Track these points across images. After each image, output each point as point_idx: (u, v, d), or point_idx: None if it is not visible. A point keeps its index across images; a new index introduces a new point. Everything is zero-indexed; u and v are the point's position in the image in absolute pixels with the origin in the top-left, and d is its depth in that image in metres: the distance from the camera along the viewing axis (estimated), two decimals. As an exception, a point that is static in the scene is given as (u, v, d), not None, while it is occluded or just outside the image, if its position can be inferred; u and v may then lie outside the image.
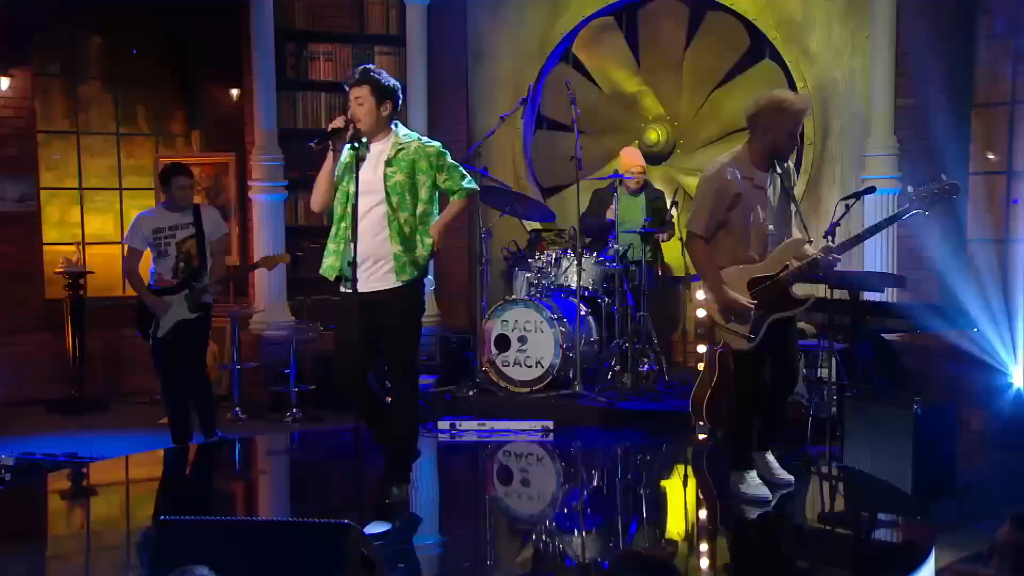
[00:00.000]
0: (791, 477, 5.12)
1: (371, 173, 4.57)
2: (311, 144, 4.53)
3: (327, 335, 7.91)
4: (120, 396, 8.40)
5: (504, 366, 7.03)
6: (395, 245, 4.57)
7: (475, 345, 7.25)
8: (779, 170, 4.87)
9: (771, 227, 4.84)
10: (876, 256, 7.10)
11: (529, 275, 7.40)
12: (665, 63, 8.57)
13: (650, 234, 7.40)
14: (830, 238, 5.41)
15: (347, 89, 4.60)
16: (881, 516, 5.05)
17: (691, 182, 8.36)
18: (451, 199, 4.74)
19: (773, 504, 5.16)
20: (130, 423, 7.60)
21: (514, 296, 7.27)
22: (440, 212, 4.73)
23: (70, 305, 8.12)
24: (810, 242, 4.90)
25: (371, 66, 4.69)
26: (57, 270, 8.20)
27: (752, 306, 4.77)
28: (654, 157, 8.48)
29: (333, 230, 4.65)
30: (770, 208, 4.85)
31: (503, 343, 7.02)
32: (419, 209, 4.61)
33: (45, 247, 8.62)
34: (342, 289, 4.64)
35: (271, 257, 6.74)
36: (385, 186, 4.57)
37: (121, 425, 7.57)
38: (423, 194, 4.62)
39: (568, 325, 6.98)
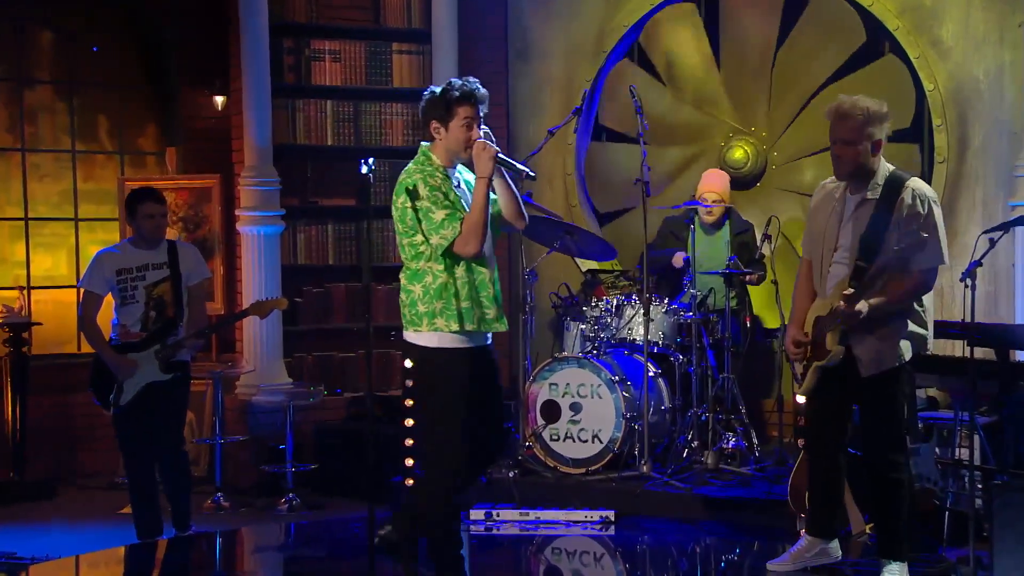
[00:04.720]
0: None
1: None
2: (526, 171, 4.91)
3: (330, 401, 7.90)
4: (70, 479, 8.45)
5: (553, 440, 7.03)
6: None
7: (517, 413, 7.24)
8: (870, 195, 5.06)
9: (835, 256, 5.12)
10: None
11: (584, 327, 7.41)
12: (752, 64, 8.63)
13: (735, 276, 7.33)
14: (968, 280, 5.30)
15: (469, 103, 4.81)
16: (1046, 642, 4.96)
17: (786, 206, 8.27)
18: None
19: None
20: (83, 514, 7.63)
21: (565, 353, 7.28)
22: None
23: (10, 364, 8.16)
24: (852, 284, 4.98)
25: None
26: (-5, 320, 8.24)
27: (793, 348, 5.21)
28: (741, 181, 8.45)
29: (461, 277, 4.79)
30: (846, 234, 5.08)
31: (551, 411, 7.02)
32: None
33: (-20, 292, 8.67)
34: (457, 345, 4.77)
35: (264, 303, 6.76)
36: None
37: (71, 516, 7.61)
38: None
39: (633, 390, 6.96)
